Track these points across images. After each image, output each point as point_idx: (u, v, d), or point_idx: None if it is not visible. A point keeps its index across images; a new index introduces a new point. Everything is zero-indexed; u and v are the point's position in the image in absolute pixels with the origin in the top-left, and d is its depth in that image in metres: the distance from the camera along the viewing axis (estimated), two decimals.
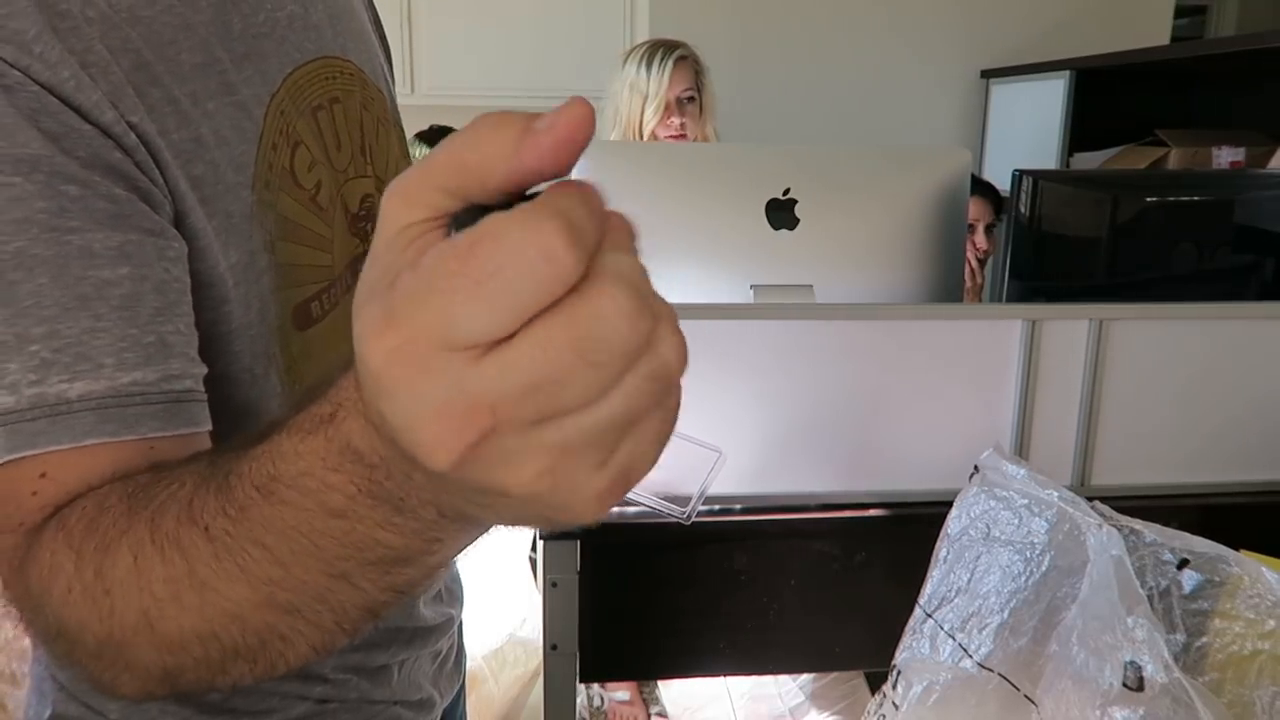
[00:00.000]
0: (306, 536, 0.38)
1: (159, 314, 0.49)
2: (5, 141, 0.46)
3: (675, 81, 2.04)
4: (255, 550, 0.40)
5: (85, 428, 0.46)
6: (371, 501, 0.36)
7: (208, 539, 0.41)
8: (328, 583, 0.39)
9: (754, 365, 1.11)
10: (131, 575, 0.43)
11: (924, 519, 1.01)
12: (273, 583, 0.40)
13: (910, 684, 0.89)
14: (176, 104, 0.54)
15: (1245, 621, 0.76)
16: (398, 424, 0.30)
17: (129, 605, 0.43)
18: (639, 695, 2.10)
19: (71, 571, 0.44)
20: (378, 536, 0.37)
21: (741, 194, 1.22)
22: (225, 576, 0.41)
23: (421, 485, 0.34)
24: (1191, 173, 2.41)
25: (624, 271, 0.33)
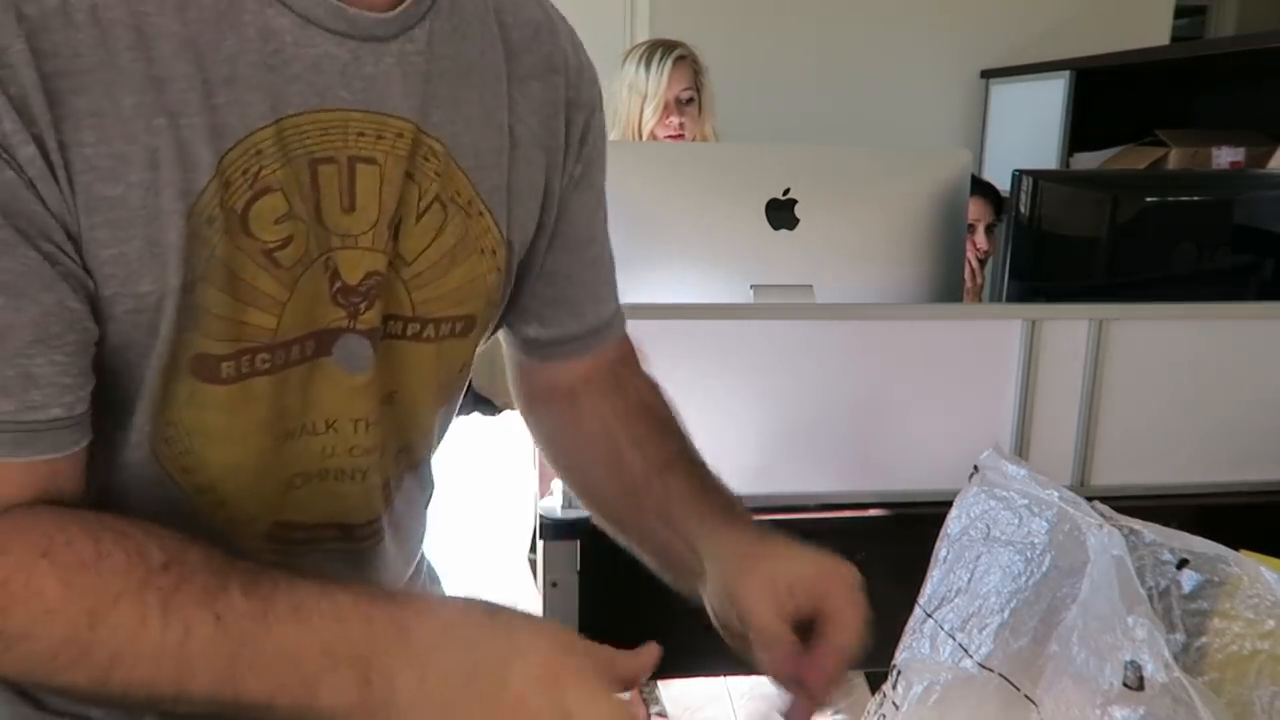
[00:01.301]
0: (287, 668, 0.48)
1: (30, 346, 0.50)
2: None
3: (674, 81, 2.04)
4: (244, 651, 0.48)
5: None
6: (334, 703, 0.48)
7: (215, 624, 0.48)
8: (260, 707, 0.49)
9: (754, 365, 1.11)
10: (126, 631, 0.48)
11: (924, 519, 1.01)
12: (235, 681, 0.48)
13: (910, 684, 0.89)
14: (101, 116, 0.50)
15: (1245, 621, 0.76)
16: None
17: (105, 649, 0.48)
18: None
19: (57, 600, 0.48)
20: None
21: (741, 194, 1.22)
22: (206, 659, 0.48)
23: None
24: (1191, 173, 2.41)
25: None
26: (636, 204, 1.22)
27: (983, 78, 3.30)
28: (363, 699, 0.48)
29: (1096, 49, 2.82)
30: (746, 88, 2.95)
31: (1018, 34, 3.24)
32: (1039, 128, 2.93)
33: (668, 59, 2.06)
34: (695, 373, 1.10)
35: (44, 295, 0.50)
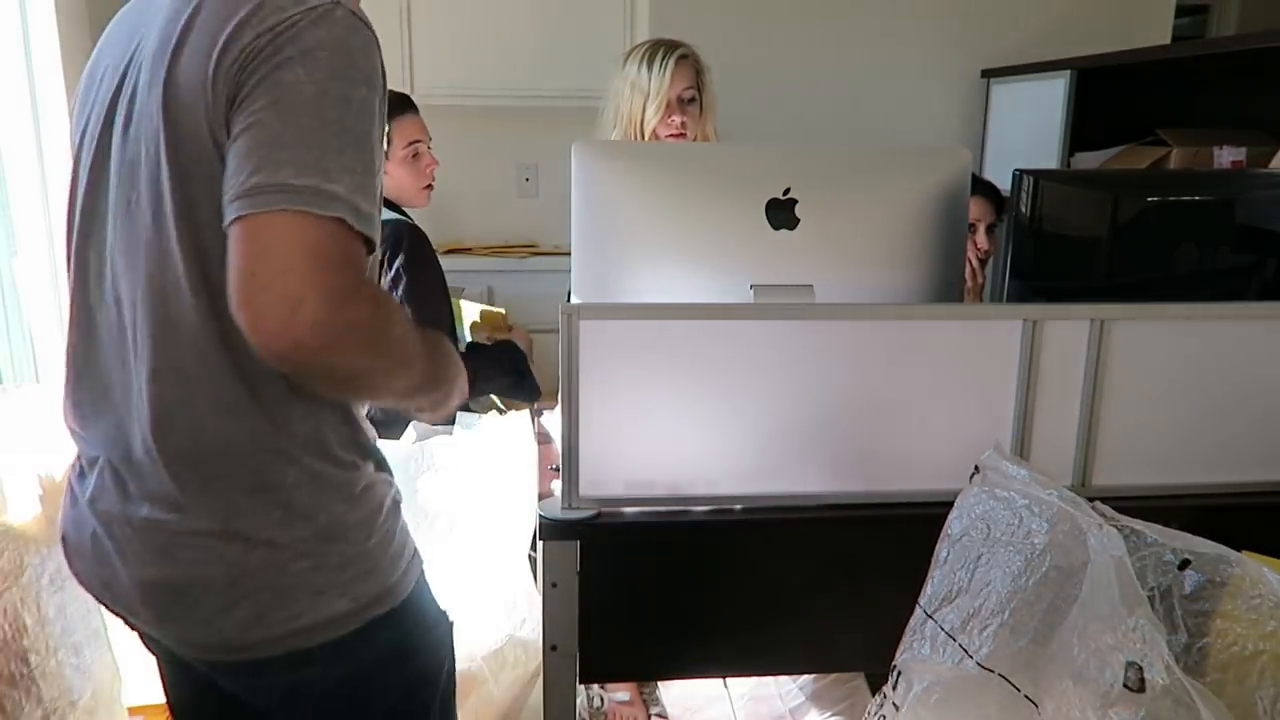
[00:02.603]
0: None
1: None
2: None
3: (676, 80, 2.04)
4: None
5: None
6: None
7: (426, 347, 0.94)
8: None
9: (754, 365, 1.11)
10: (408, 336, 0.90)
11: (924, 519, 1.00)
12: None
13: (911, 684, 0.89)
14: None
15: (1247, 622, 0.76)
16: None
17: (401, 350, 0.89)
18: (639, 696, 2.10)
19: (393, 315, 0.86)
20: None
21: (741, 194, 1.21)
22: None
23: None
24: (1192, 172, 2.41)
25: None
26: (636, 204, 1.22)
27: (983, 77, 3.29)
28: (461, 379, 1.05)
29: (1097, 48, 2.82)
30: (746, 88, 2.95)
31: (1019, 33, 3.23)
32: (1040, 127, 2.92)
33: (670, 58, 2.06)
34: (695, 373, 1.10)
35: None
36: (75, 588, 1.45)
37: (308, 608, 0.91)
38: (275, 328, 0.77)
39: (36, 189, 1.99)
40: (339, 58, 0.82)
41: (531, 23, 2.97)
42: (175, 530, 0.90)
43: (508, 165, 3.31)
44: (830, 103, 3.22)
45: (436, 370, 0.96)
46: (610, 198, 1.22)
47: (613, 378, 1.09)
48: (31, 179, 1.98)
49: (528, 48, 2.97)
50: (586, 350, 1.08)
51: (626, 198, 1.22)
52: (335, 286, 0.78)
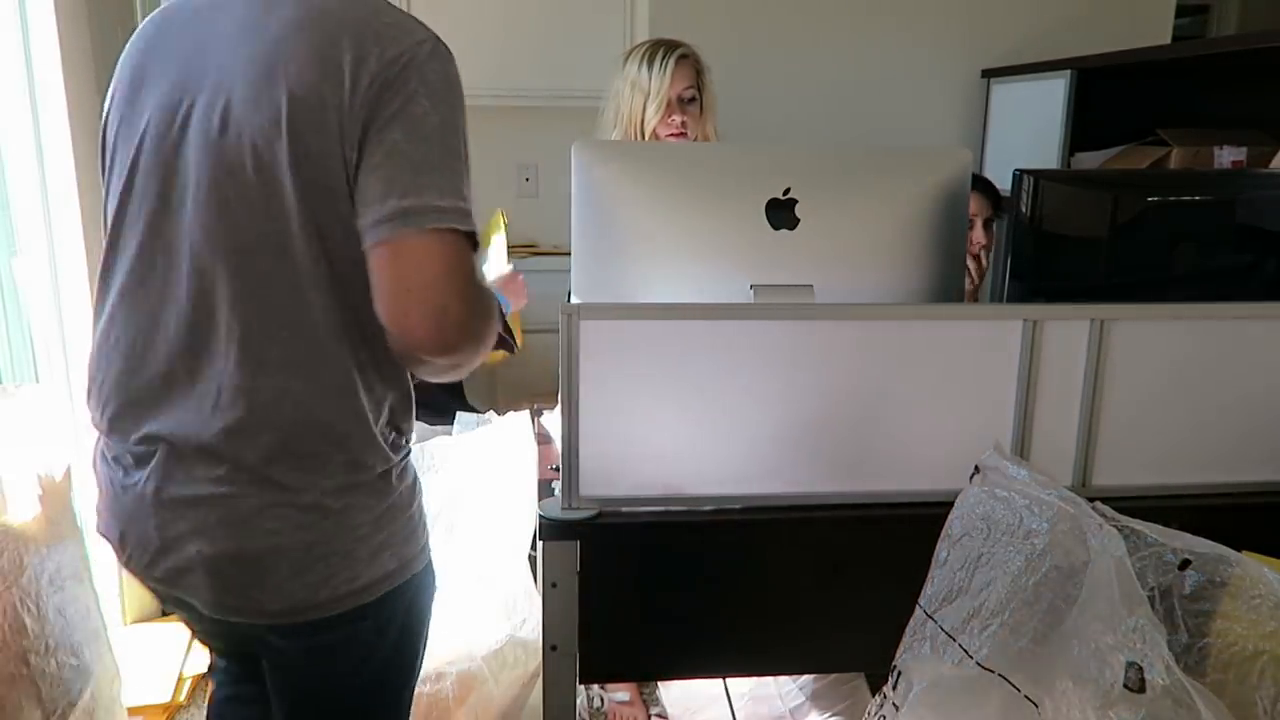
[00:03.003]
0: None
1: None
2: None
3: (677, 80, 2.05)
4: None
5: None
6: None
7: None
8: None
9: (754, 365, 1.11)
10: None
11: (924, 519, 1.00)
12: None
13: (911, 685, 0.89)
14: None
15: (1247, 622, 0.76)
16: None
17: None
18: (639, 696, 2.10)
19: (494, 303, 1.00)
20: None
21: (741, 194, 1.21)
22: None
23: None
24: (1193, 172, 2.40)
25: None
26: (636, 204, 1.22)
27: (983, 77, 3.29)
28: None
29: (1098, 48, 2.82)
30: (746, 88, 2.95)
31: (1019, 33, 3.23)
32: (1040, 127, 2.92)
33: (670, 58, 2.06)
34: (695, 373, 1.10)
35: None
36: (75, 587, 1.46)
37: (365, 569, 1.02)
38: (428, 334, 0.91)
39: (36, 189, 1.99)
40: (451, 90, 0.96)
41: (531, 23, 2.97)
42: (258, 506, 0.98)
43: (508, 165, 3.31)
44: (830, 103, 3.22)
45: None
46: (610, 198, 1.22)
47: (613, 378, 1.09)
48: (31, 179, 1.98)
49: (528, 48, 2.97)
50: (586, 350, 1.08)
51: (626, 198, 1.22)
52: (470, 293, 0.94)
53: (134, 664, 1.79)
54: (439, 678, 1.72)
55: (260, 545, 0.98)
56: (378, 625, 1.07)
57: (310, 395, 0.98)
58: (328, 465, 0.99)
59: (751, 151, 1.37)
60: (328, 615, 1.02)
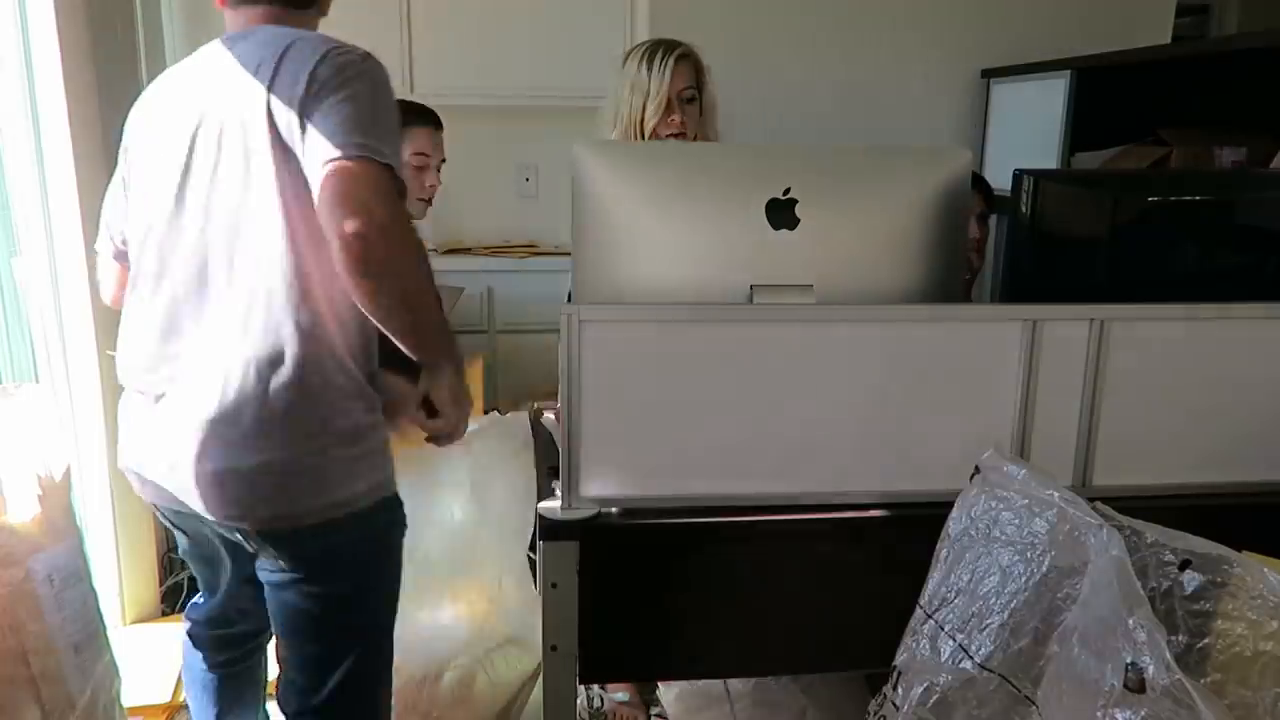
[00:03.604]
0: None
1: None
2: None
3: (676, 79, 2.04)
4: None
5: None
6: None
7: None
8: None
9: (754, 365, 1.11)
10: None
11: (924, 519, 1.00)
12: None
13: (910, 685, 0.89)
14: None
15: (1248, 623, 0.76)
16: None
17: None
18: (638, 696, 2.09)
19: (420, 243, 1.17)
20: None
21: (741, 194, 1.21)
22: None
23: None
24: (1193, 173, 2.40)
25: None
26: (636, 204, 1.22)
27: (983, 77, 3.29)
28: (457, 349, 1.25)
29: (1097, 48, 2.81)
30: (746, 88, 2.95)
31: (1018, 33, 3.23)
32: (1040, 127, 2.92)
33: (669, 57, 2.06)
34: (695, 372, 1.10)
35: None
36: (74, 587, 1.45)
37: (340, 489, 1.23)
38: (357, 228, 1.08)
39: (36, 189, 1.99)
40: (382, 83, 1.23)
41: (531, 23, 2.97)
42: (250, 434, 1.19)
43: (508, 165, 3.31)
44: (830, 103, 3.22)
45: (436, 307, 1.23)
46: (610, 198, 1.22)
47: (613, 378, 1.09)
48: (31, 179, 1.98)
49: (528, 48, 2.97)
50: (587, 350, 1.08)
51: (626, 198, 1.22)
52: (391, 205, 1.12)
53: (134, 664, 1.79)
54: (439, 678, 1.72)
55: (253, 463, 1.20)
56: (354, 538, 1.26)
57: (292, 336, 1.23)
58: (313, 404, 1.22)
59: (751, 151, 1.37)
60: (305, 525, 1.22)
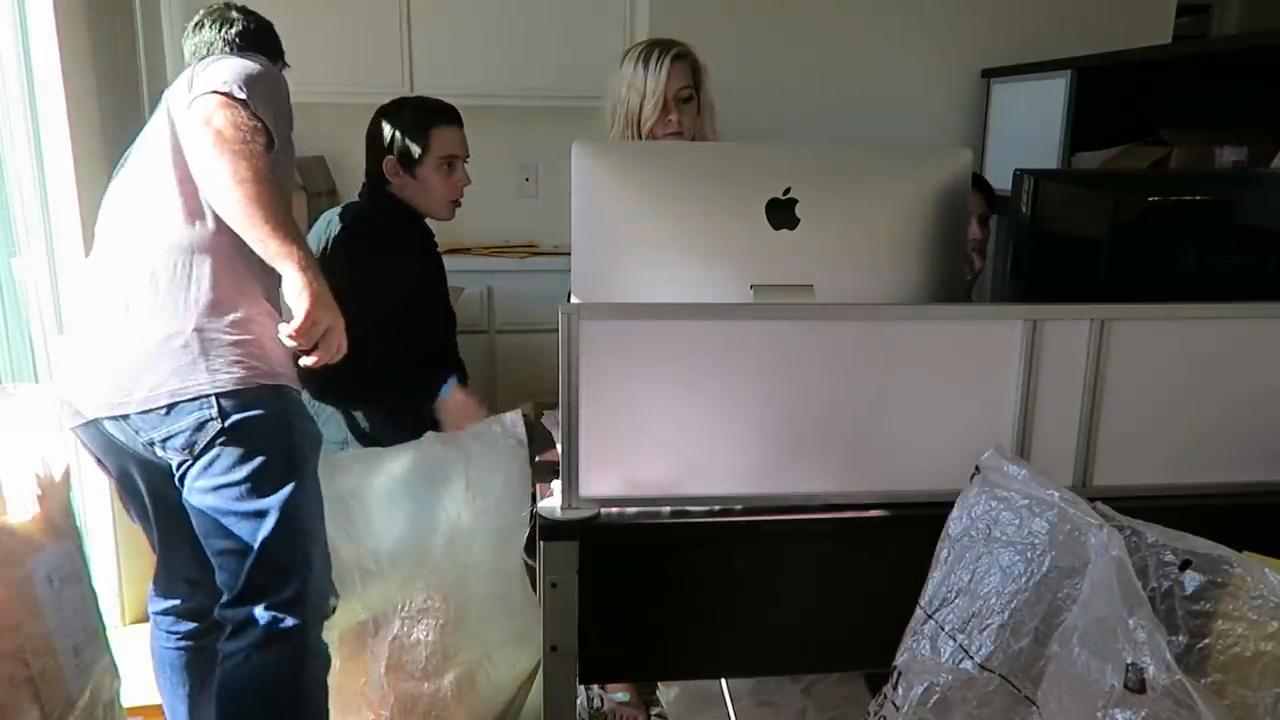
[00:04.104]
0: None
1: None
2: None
3: (673, 79, 2.04)
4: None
5: None
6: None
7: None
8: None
9: (754, 365, 1.11)
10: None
11: (924, 519, 1.00)
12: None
13: (911, 685, 0.89)
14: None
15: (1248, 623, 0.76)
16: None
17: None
18: (638, 697, 2.09)
19: (263, 154, 1.42)
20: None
21: (741, 194, 1.21)
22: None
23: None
24: (1193, 173, 2.40)
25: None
26: (636, 204, 1.22)
27: (984, 77, 3.29)
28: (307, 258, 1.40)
29: (1098, 48, 2.81)
30: (746, 88, 2.95)
31: (1019, 33, 3.23)
32: (1040, 127, 2.92)
33: (665, 57, 2.06)
34: (695, 373, 1.10)
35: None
36: (74, 587, 1.45)
37: (215, 369, 1.42)
38: (211, 126, 1.36)
39: (36, 189, 1.99)
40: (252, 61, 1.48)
41: (532, 23, 2.97)
42: (129, 331, 1.44)
43: (508, 165, 3.31)
44: (830, 102, 3.22)
45: (290, 229, 1.39)
46: (610, 198, 1.21)
47: (613, 378, 1.09)
48: (31, 179, 1.98)
49: (528, 48, 2.97)
50: (587, 350, 1.07)
51: (626, 198, 1.22)
52: (233, 114, 1.38)
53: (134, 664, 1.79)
54: (439, 678, 1.72)
55: (133, 358, 1.43)
56: (229, 419, 1.42)
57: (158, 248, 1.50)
58: (183, 294, 1.45)
59: (751, 151, 1.36)
60: (179, 401, 1.41)
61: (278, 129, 1.44)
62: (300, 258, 1.38)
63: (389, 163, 2.04)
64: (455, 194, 2.09)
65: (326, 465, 1.58)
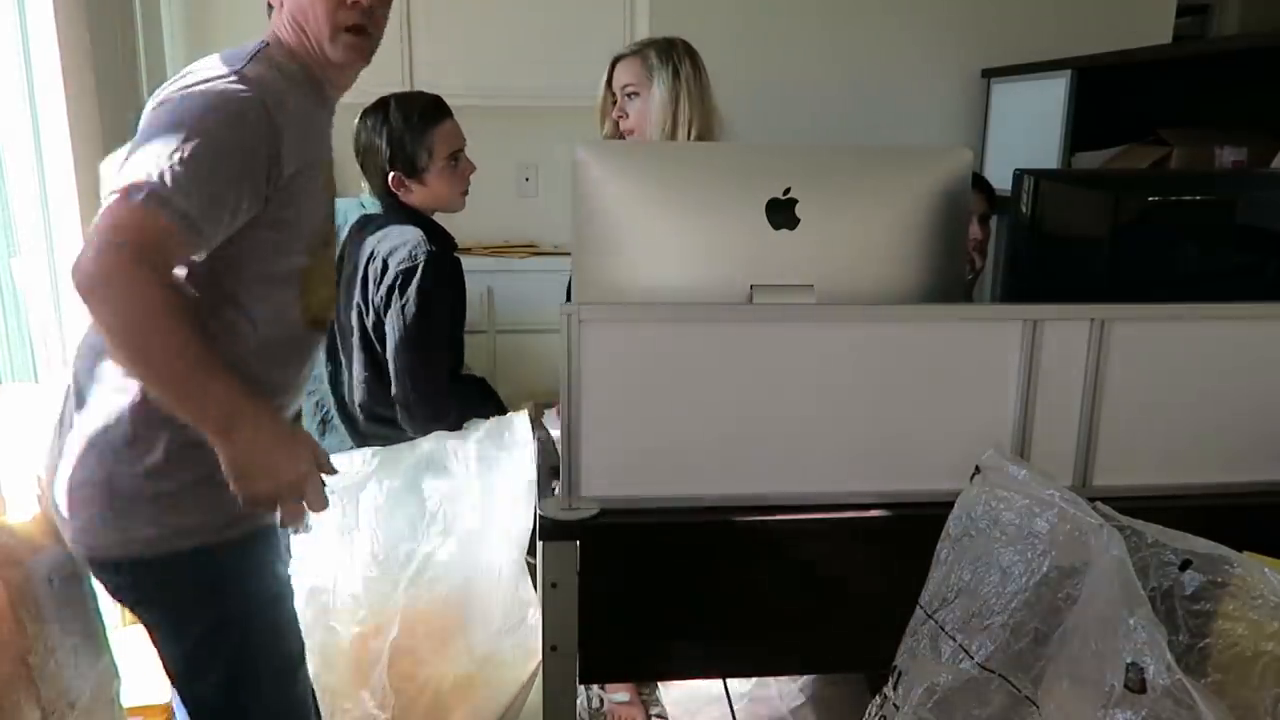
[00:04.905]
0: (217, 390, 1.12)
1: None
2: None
3: (618, 76, 2.11)
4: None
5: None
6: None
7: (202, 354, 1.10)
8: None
9: (754, 365, 1.11)
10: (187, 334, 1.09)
11: (924, 519, 1.00)
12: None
13: (911, 685, 0.89)
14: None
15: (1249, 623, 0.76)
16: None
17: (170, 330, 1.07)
18: (637, 697, 2.09)
19: (167, 301, 1.07)
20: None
21: (741, 194, 1.21)
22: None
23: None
24: (1193, 173, 2.40)
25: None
26: (636, 204, 1.22)
27: (984, 77, 3.29)
28: (229, 416, 1.11)
29: (1098, 48, 2.81)
30: (747, 87, 2.95)
31: (1019, 33, 3.23)
32: (1040, 127, 2.92)
33: (616, 60, 2.14)
34: (695, 373, 1.10)
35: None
36: (74, 588, 1.45)
37: (136, 528, 1.21)
38: (75, 262, 1.05)
39: (36, 189, 1.99)
40: (203, 101, 1.16)
41: (531, 23, 2.97)
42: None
43: (508, 165, 3.31)
44: (830, 102, 3.22)
45: (189, 385, 1.11)
46: (610, 198, 1.21)
47: (613, 378, 1.09)
48: (31, 179, 1.98)
49: (528, 48, 2.97)
50: (587, 350, 1.07)
51: (626, 198, 1.22)
52: (108, 245, 1.05)
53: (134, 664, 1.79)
54: (439, 678, 1.72)
55: (75, 486, 1.23)
56: (158, 582, 1.25)
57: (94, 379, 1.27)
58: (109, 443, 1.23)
59: (751, 151, 1.37)
60: (112, 558, 1.24)
61: (213, 211, 1.11)
62: (218, 419, 1.10)
63: (394, 178, 2.01)
64: (465, 185, 2.09)
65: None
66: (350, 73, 1.34)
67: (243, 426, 1.11)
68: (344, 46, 1.28)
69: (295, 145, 1.20)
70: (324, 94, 1.34)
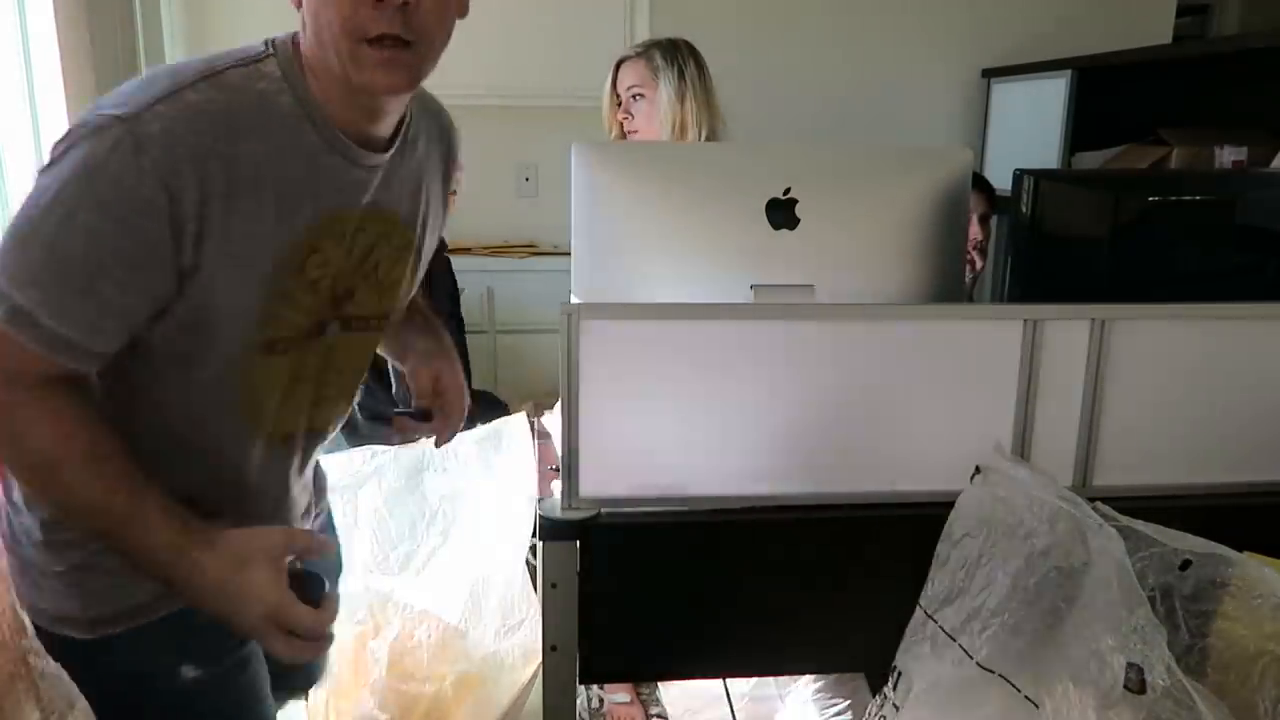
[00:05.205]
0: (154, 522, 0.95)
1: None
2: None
3: (622, 77, 2.10)
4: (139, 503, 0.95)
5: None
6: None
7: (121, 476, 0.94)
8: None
9: (754, 365, 1.11)
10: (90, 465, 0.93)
11: (924, 519, 1.00)
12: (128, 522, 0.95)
13: (911, 684, 0.89)
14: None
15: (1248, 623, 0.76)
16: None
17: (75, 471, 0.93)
18: (637, 697, 2.09)
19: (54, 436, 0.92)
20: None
21: (741, 194, 1.21)
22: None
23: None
24: (1193, 172, 2.40)
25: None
26: (636, 204, 1.22)
27: (984, 77, 3.29)
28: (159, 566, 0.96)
29: (1098, 48, 2.82)
30: (747, 87, 2.95)
31: (1019, 33, 3.23)
32: (1040, 127, 2.92)
33: (620, 62, 2.14)
34: (695, 373, 1.10)
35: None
36: None
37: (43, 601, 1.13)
38: None
39: None
40: (80, 173, 0.92)
41: (531, 23, 2.97)
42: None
43: (508, 165, 3.31)
44: (830, 102, 3.22)
45: (108, 537, 0.97)
46: (610, 198, 1.21)
47: (613, 378, 1.09)
48: (31, 179, 1.98)
49: (528, 48, 2.97)
50: (587, 350, 1.07)
51: (626, 198, 1.22)
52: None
53: None
54: (439, 678, 1.72)
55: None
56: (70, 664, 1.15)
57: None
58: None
59: (751, 151, 1.37)
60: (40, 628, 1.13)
61: (94, 319, 0.89)
62: (150, 567, 0.96)
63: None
64: (454, 185, 2.11)
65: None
66: (390, 99, 0.99)
67: (176, 577, 0.95)
68: (370, 66, 0.92)
69: (230, 212, 0.90)
70: (339, 128, 0.99)
